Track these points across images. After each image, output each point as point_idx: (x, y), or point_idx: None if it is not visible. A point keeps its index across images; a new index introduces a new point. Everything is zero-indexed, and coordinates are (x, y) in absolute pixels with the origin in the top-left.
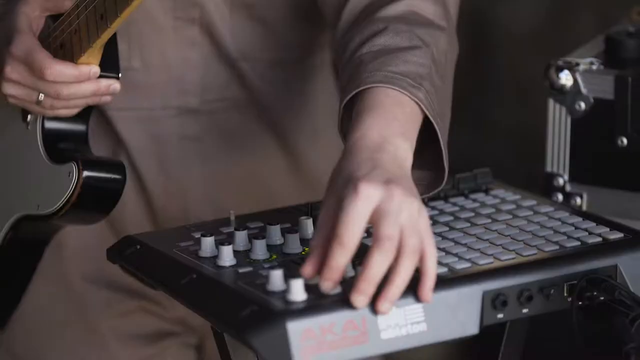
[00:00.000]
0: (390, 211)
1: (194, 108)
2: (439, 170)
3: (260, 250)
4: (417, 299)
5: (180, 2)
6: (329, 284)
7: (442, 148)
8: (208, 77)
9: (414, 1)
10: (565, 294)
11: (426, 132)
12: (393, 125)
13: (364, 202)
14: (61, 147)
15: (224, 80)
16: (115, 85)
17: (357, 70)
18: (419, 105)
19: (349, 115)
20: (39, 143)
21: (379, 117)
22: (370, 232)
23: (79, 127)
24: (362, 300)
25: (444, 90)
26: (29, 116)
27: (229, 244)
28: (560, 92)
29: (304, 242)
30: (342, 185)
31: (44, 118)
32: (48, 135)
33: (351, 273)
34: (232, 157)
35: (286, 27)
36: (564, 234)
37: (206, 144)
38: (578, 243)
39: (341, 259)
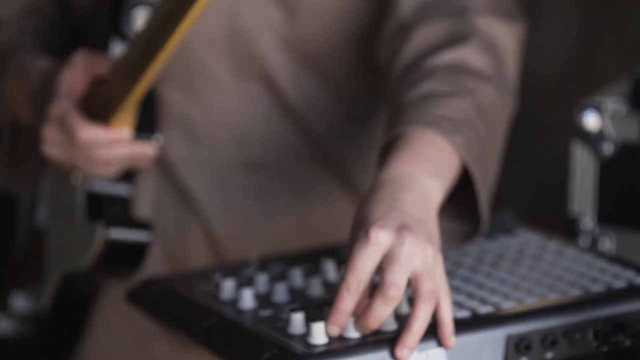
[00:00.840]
0: (399, 257)
1: (259, 162)
2: (474, 221)
3: (281, 293)
4: (440, 343)
5: (239, 57)
6: (336, 329)
7: (479, 196)
8: (271, 131)
9: (465, 51)
10: (590, 339)
11: (465, 182)
12: (424, 164)
13: (374, 247)
14: (100, 205)
15: (289, 134)
16: (148, 152)
17: (399, 114)
18: (458, 151)
19: None
20: (80, 201)
21: (410, 155)
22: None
23: (120, 186)
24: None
25: (489, 139)
26: (72, 175)
27: (250, 286)
28: (586, 134)
29: (326, 284)
30: (357, 227)
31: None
32: (89, 193)
33: (393, 326)
34: (299, 211)
35: (350, 80)
36: (590, 277)
37: (272, 197)
38: (604, 287)
39: (348, 303)
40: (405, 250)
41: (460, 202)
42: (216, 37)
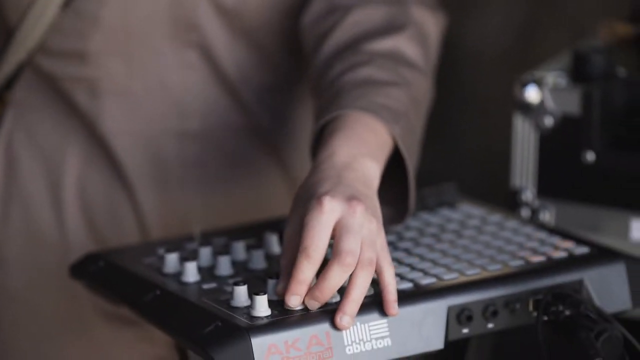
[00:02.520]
0: (352, 226)
1: (195, 133)
2: (400, 208)
3: (224, 267)
4: (382, 314)
5: (179, 25)
6: (297, 298)
7: (410, 187)
8: (208, 102)
9: (401, 39)
10: (530, 309)
11: (390, 170)
12: (363, 147)
13: (328, 215)
14: None
15: (225, 105)
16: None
17: (337, 95)
18: (393, 140)
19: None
20: None
21: (351, 138)
22: None
23: None
24: (313, 304)
25: (419, 129)
26: None
27: (193, 260)
28: (526, 108)
29: (269, 258)
30: (306, 200)
31: None
32: None
33: (336, 298)
34: (232, 182)
35: (283, 54)
36: (530, 249)
37: (207, 168)
38: (544, 258)
39: (308, 272)
40: (357, 219)
41: (386, 189)
42: (157, 7)
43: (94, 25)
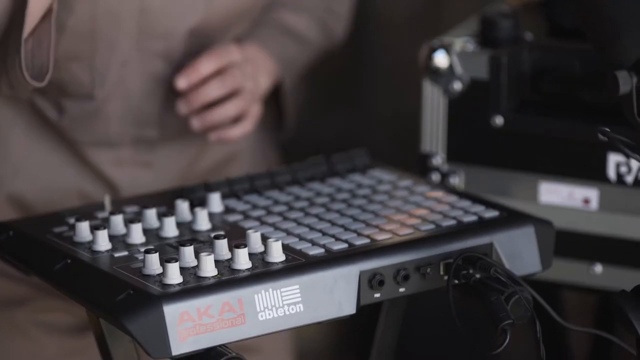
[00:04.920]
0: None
1: (151, 138)
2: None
3: (136, 235)
4: (294, 280)
5: (146, 35)
6: (185, 102)
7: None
8: (168, 110)
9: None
10: (441, 273)
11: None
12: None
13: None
14: None
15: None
16: None
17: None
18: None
19: None
20: None
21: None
22: (247, 215)
23: None
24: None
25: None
26: None
27: (104, 228)
28: (435, 73)
29: (180, 225)
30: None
31: None
32: None
33: (227, 256)
34: (183, 179)
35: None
36: (440, 213)
37: (158, 169)
38: (454, 222)
39: (204, 65)
40: (248, 65)
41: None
42: (125, 14)
43: (61, 33)
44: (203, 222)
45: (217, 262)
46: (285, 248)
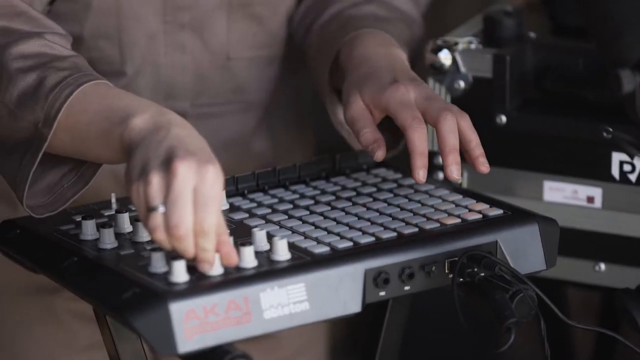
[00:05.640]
0: (408, 101)
1: (183, 112)
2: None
3: (142, 232)
4: (300, 278)
5: (171, 7)
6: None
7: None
8: (199, 82)
9: None
10: (446, 271)
11: None
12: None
13: (406, 94)
14: None
15: (216, 83)
16: None
17: (346, 24)
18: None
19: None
20: None
21: (376, 36)
22: (252, 213)
23: None
24: None
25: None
26: None
27: (111, 226)
28: (439, 72)
29: None
30: (377, 84)
31: None
32: None
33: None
34: (220, 156)
35: (278, 23)
36: (445, 211)
37: None
38: (458, 220)
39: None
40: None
41: None
42: None
43: (86, 10)
44: None
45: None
46: (291, 246)
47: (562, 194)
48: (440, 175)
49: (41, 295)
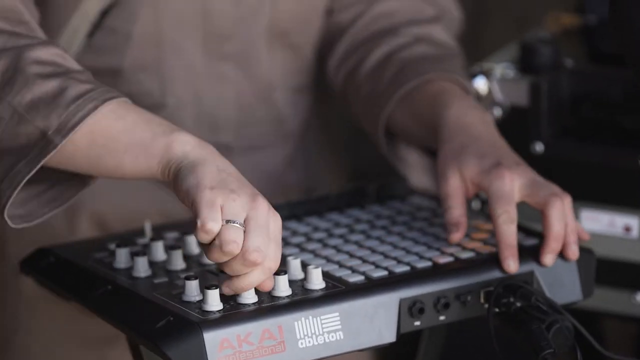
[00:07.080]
0: (507, 192)
1: (227, 145)
2: None
3: (176, 261)
4: (334, 307)
5: (212, 37)
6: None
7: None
8: (242, 113)
9: (431, 28)
10: (482, 301)
11: None
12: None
13: (510, 185)
14: None
15: (259, 114)
16: None
17: (404, 68)
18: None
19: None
20: None
21: (456, 96)
22: (287, 241)
23: None
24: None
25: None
26: None
27: (144, 255)
28: (475, 99)
29: None
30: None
31: None
32: None
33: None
34: (261, 189)
35: (311, 52)
36: (480, 240)
37: None
38: (494, 249)
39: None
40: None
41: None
42: (188, 17)
43: (126, 41)
44: None
45: (257, 289)
46: (325, 275)
47: (598, 223)
48: (476, 205)
49: (99, 347)
